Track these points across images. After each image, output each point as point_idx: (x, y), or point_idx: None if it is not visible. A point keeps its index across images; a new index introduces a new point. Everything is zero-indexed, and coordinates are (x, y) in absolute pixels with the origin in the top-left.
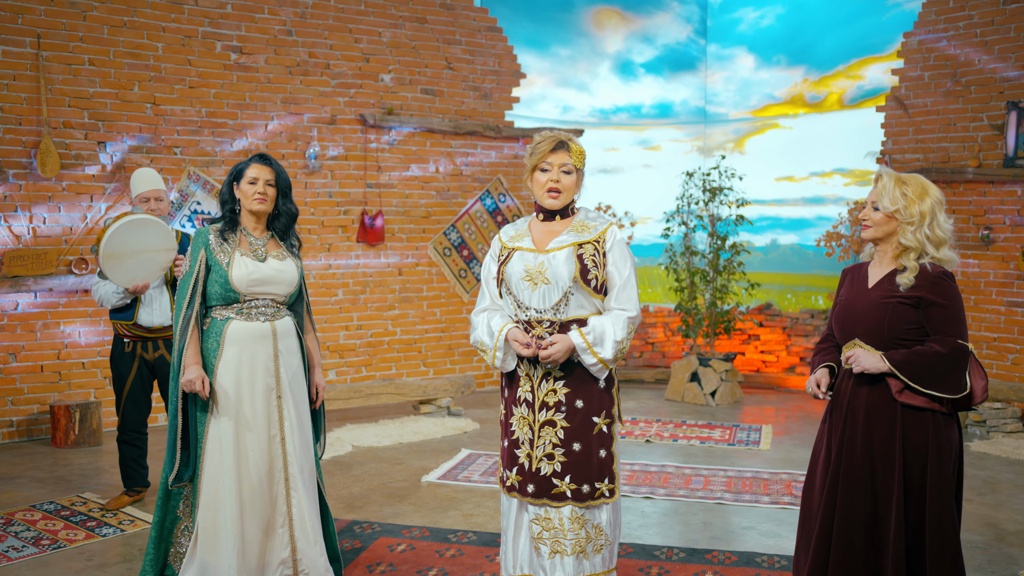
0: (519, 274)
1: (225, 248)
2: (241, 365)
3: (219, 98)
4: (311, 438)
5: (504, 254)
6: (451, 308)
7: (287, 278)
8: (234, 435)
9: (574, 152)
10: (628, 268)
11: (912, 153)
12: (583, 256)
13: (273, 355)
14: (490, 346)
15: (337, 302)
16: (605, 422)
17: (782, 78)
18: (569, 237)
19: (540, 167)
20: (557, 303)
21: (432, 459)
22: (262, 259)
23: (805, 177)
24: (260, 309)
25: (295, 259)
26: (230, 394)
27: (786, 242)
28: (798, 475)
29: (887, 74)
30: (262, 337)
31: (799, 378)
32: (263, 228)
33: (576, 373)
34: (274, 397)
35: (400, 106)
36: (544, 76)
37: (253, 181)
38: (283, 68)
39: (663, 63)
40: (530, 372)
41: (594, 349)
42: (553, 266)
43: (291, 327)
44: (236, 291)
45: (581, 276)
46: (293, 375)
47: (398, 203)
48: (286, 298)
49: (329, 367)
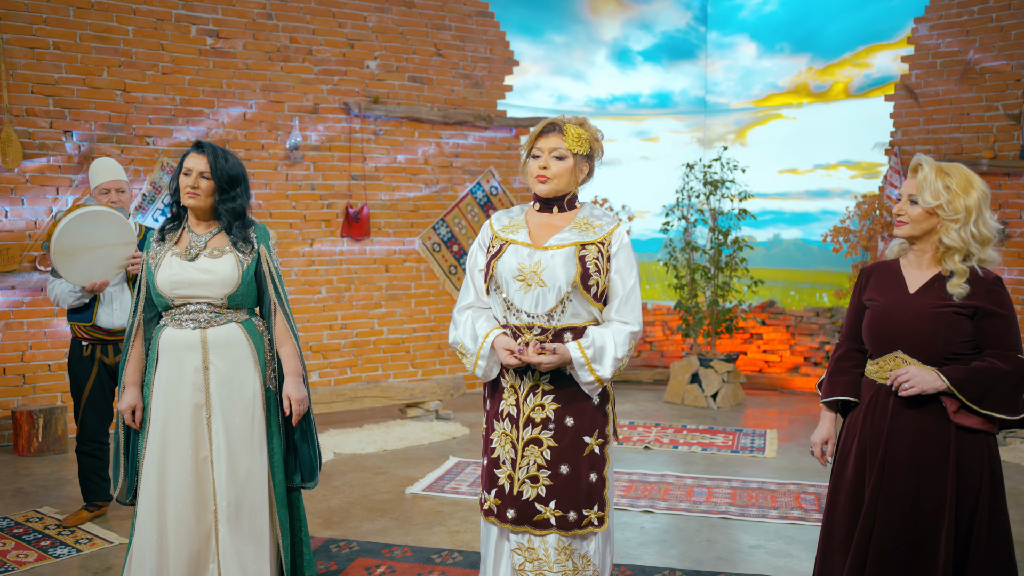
0: (512, 272)
1: (159, 248)
2: (170, 378)
3: (194, 85)
4: (258, 464)
5: (496, 245)
6: (440, 306)
7: (218, 278)
8: (159, 455)
9: (569, 136)
10: (633, 277)
11: (923, 144)
12: (585, 259)
13: (202, 367)
14: (472, 351)
15: (320, 300)
16: (597, 442)
17: (785, 66)
18: (571, 235)
19: (532, 153)
20: (552, 309)
21: (418, 468)
22: (191, 258)
23: (809, 170)
24: (192, 315)
25: (241, 255)
26: (159, 411)
27: (789, 237)
28: (807, 486)
29: (896, 62)
30: (189, 347)
31: (803, 379)
32: (208, 223)
33: (567, 387)
34: (204, 416)
35: (386, 94)
36: (538, 64)
37: (187, 172)
38: (262, 54)
39: (662, 51)
40: (516, 384)
41: (593, 366)
42: (551, 267)
43: (235, 335)
44: (162, 295)
45: (582, 281)
46: (233, 390)
47: (384, 196)
48: (224, 301)
49: (312, 368)
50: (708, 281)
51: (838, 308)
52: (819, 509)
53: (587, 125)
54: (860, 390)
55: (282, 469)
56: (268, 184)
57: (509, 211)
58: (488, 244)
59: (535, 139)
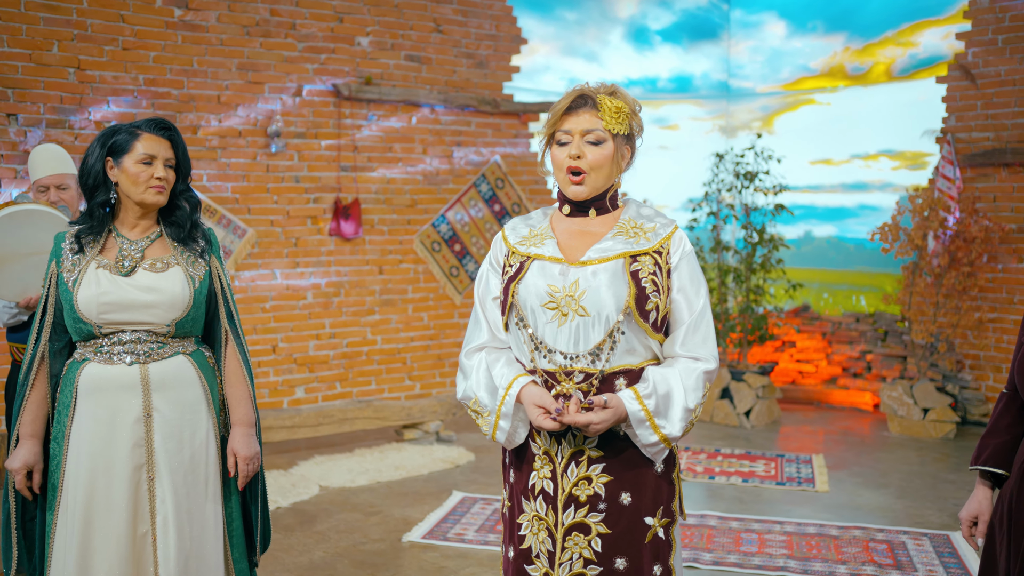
0: (539, 298)
1: (78, 259)
2: (96, 431)
3: (160, 63)
4: (213, 538)
5: (514, 264)
6: (441, 312)
7: (165, 299)
8: (81, 534)
9: (606, 110)
10: (702, 296)
11: (980, 131)
12: (639, 274)
13: (143, 415)
14: (491, 408)
15: (306, 306)
16: (662, 523)
17: (818, 47)
18: (617, 244)
19: (556, 139)
20: (598, 346)
21: (417, 506)
22: (127, 271)
23: (845, 160)
24: (127, 346)
25: (191, 268)
26: (80, 474)
27: (822, 234)
28: (874, 531)
29: (947, 40)
30: (124, 388)
31: (842, 392)
32: (149, 224)
33: (622, 451)
34: (144, 479)
35: (380, 75)
36: (547, 43)
37: (147, 160)
38: (239, 28)
39: (681, 30)
40: (551, 450)
41: (656, 421)
42: (594, 288)
43: (185, 371)
44: (86, 321)
45: (637, 306)
46: (183, 444)
47: (378, 189)
48: (171, 327)
49: (297, 383)
50: (740, 284)
51: (881, 314)
52: (895, 564)
53: (622, 93)
54: (1014, 457)
55: (242, 541)
56: (245, 176)
57: (527, 217)
58: (503, 262)
59: (559, 118)
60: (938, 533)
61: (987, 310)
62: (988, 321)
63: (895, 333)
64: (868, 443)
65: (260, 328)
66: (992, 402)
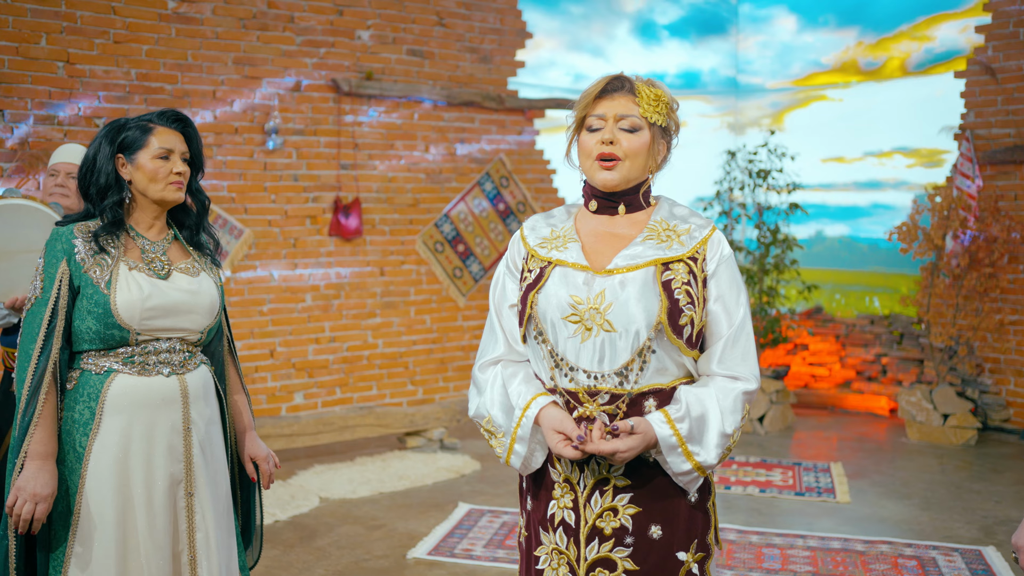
0: (561, 309)
1: (103, 259)
2: (131, 447)
3: (153, 57)
4: (234, 560)
5: (533, 269)
6: (444, 315)
7: (204, 304)
8: (117, 564)
9: (644, 96)
10: (743, 306)
11: (1001, 127)
12: (671, 284)
13: (183, 428)
14: (505, 430)
15: (305, 309)
16: (696, 558)
17: (830, 41)
18: (647, 249)
19: (587, 124)
20: (625, 365)
21: (422, 519)
22: (164, 275)
23: (858, 158)
24: (164, 356)
25: (211, 273)
26: (109, 498)
27: (834, 234)
28: (901, 546)
29: (965, 34)
30: (167, 401)
31: (856, 396)
32: (163, 225)
33: (651, 479)
34: (182, 495)
35: (381, 70)
36: (553, 38)
37: (165, 155)
38: (235, 21)
39: (689, 25)
40: (572, 477)
41: (689, 447)
42: (621, 301)
43: (209, 382)
44: (124, 327)
45: (670, 321)
46: (213, 459)
47: (379, 188)
48: (202, 335)
49: (295, 388)
50: (754, 285)
51: (897, 316)
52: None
53: (660, 84)
54: None
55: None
56: (242, 174)
57: (549, 215)
58: (521, 266)
59: (592, 101)
60: (970, 548)
61: (1008, 312)
62: (1009, 323)
63: (911, 335)
64: (886, 450)
65: (257, 332)
66: (1013, 407)
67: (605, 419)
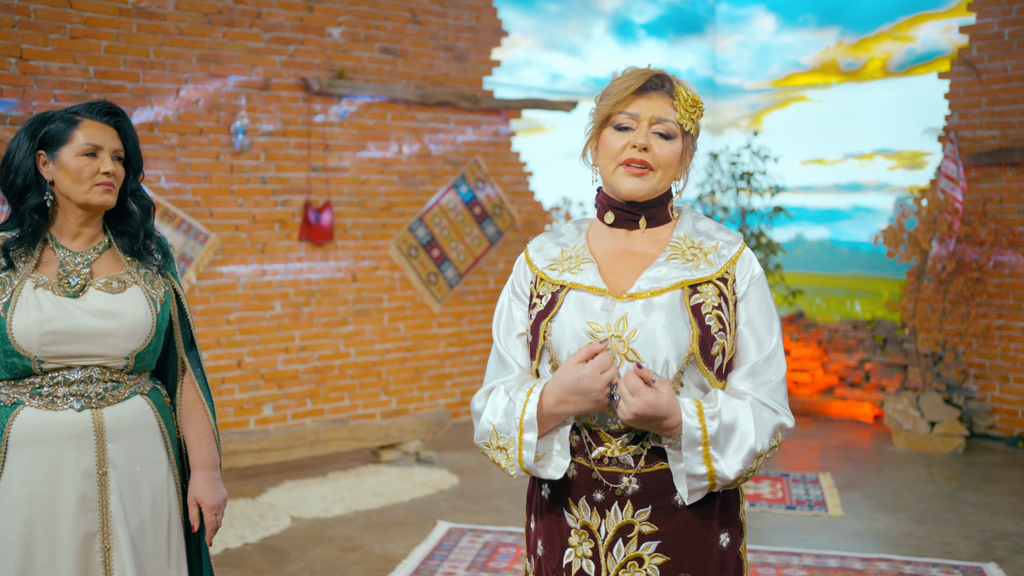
0: (578, 339)
1: (7, 277)
2: (33, 492)
3: (113, 53)
4: None
5: (544, 294)
6: (419, 322)
7: (125, 326)
8: None
9: (682, 100)
10: (775, 334)
11: (986, 129)
12: (701, 308)
13: (95, 471)
14: (510, 431)
15: (274, 317)
16: None
17: (810, 42)
18: (671, 270)
19: (615, 122)
20: None
21: (399, 538)
22: (74, 291)
23: (839, 159)
24: (75, 387)
25: (149, 287)
26: (9, 548)
27: (814, 237)
28: (900, 563)
29: (947, 34)
30: (74, 439)
31: (840, 403)
32: (95, 232)
33: (679, 524)
34: (97, 550)
35: (353, 68)
36: (529, 36)
37: (91, 151)
38: (199, 16)
39: (667, 24)
40: (592, 523)
41: (711, 451)
42: (647, 328)
43: (143, 415)
44: (23, 354)
45: (701, 350)
46: (142, 503)
47: (351, 191)
48: (128, 361)
49: (265, 400)
50: None
51: (880, 321)
52: None
53: (692, 87)
54: None
55: None
56: (208, 177)
57: (556, 234)
58: (530, 291)
59: (625, 97)
60: (971, 565)
61: (995, 317)
62: (995, 328)
63: (895, 341)
64: (873, 459)
65: (224, 342)
66: (1000, 414)
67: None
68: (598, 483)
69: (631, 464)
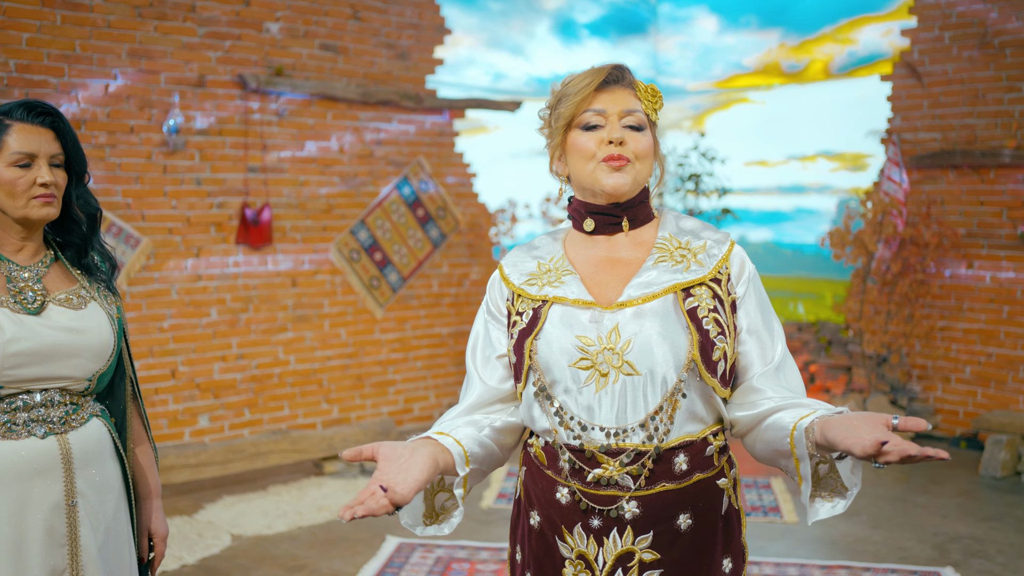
0: (567, 355)
1: None
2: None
3: (35, 46)
4: None
5: (524, 312)
6: (360, 327)
7: (92, 344)
8: None
9: (643, 90)
10: (780, 340)
11: (928, 131)
12: (697, 313)
13: (65, 504)
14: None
15: (210, 324)
16: None
17: (752, 43)
18: (661, 274)
19: (582, 122)
20: (654, 413)
21: (347, 556)
22: (35, 309)
23: (782, 161)
24: (36, 411)
25: (104, 302)
26: None
27: (757, 239)
28: (859, 569)
29: (888, 37)
30: (41, 471)
31: None
32: (37, 246)
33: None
34: None
35: (292, 65)
36: (472, 35)
37: (25, 161)
38: (129, 8)
39: (610, 24)
40: (588, 552)
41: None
42: (642, 338)
43: (103, 440)
44: None
45: (702, 356)
46: (108, 534)
47: (290, 193)
48: (90, 382)
49: (200, 411)
50: None
51: (824, 323)
52: None
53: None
54: None
55: None
56: (139, 178)
57: (531, 247)
58: (507, 310)
59: (590, 95)
60: (929, 571)
61: (937, 318)
62: (938, 330)
63: (839, 343)
64: None
65: (157, 351)
66: (942, 414)
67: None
68: (595, 509)
69: (631, 486)
